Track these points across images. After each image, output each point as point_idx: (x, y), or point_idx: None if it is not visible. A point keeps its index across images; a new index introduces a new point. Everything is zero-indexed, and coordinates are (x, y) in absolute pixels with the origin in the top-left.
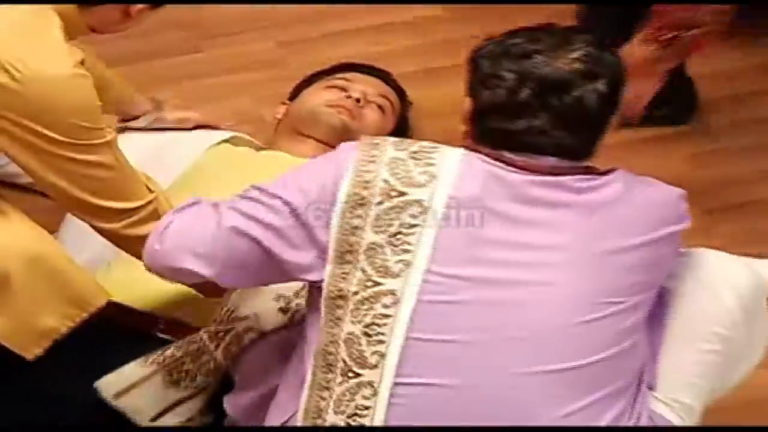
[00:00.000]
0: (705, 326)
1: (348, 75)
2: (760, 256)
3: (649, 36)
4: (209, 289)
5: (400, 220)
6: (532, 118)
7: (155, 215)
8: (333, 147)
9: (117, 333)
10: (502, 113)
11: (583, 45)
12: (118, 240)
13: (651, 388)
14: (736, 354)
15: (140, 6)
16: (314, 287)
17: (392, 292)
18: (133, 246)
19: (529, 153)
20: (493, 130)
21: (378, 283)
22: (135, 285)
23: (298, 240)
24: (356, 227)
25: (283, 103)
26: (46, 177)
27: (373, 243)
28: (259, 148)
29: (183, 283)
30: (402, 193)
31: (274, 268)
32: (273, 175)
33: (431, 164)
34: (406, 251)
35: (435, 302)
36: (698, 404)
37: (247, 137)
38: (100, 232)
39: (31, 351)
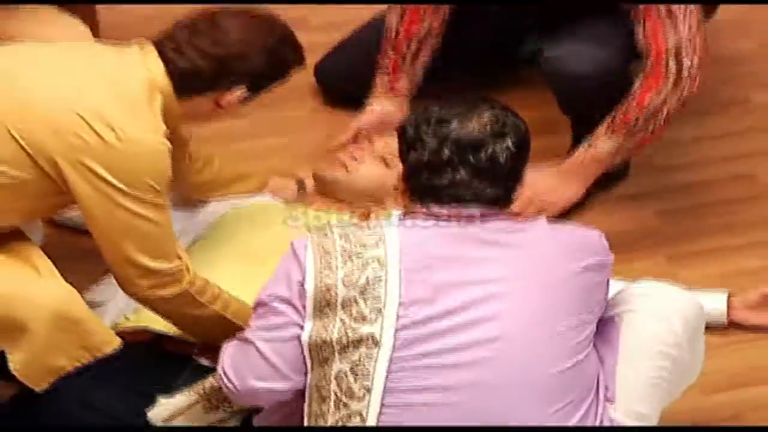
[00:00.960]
0: (657, 347)
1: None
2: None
3: (618, 126)
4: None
5: (365, 275)
6: (455, 173)
7: (177, 281)
8: (351, 203)
9: (158, 357)
10: (429, 171)
11: (490, 109)
12: (144, 302)
13: (610, 401)
14: (682, 370)
15: (230, 98)
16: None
17: (371, 336)
18: (154, 305)
19: (455, 204)
20: (422, 186)
21: (356, 329)
22: None
23: (300, 319)
24: (329, 285)
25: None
26: (97, 215)
27: (347, 296)
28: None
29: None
30: (358, 254)
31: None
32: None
33: (375, 232)
34: (377, 300)
35: (408, 339)
36: (653, 413)
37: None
38: (127, 289)
39: (41, 385)
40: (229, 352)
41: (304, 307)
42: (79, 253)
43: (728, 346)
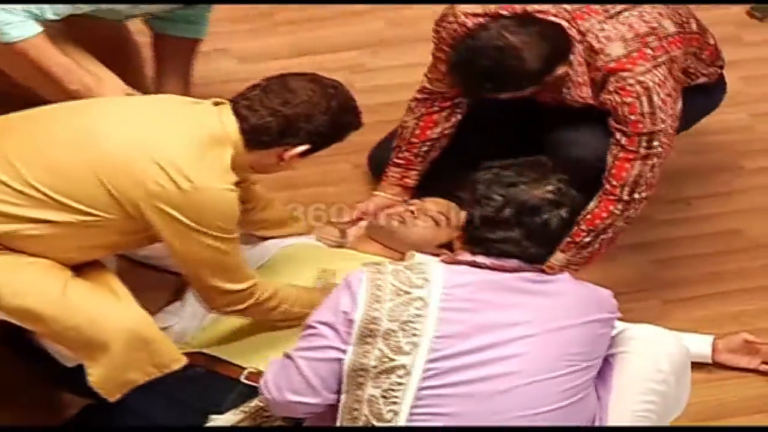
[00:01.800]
0: (646, 384)
1: (429, 199)
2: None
3: (568, 244)
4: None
5: (408, 312)
6: (508, 231)
7: (249, 296)
8: (400, 252)
9: (210, 377)
10: (487, 225)
11: (556, 181)
12: (222, 314)
13: None
14: (669, 405)
15: (292, 153)
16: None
17: (404, 366)
18: (231, 315)
19: (498, 257)
20: (477, 236)
21: (393, 359)
22: (228, 341)
23: (342, 344)
24: (375, 318)
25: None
26: (181, 251)
27: (389, 329)
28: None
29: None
30: (407, 292)
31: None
32: (338, 265)
33: (423, 272)
34: (414, 335)
35: (437, 371)
36: None
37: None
38: (208, 306)
39: (113, 395)
40: (274, 366)
41: (347, 333)
42: (144, 284)
43: (713, 382)
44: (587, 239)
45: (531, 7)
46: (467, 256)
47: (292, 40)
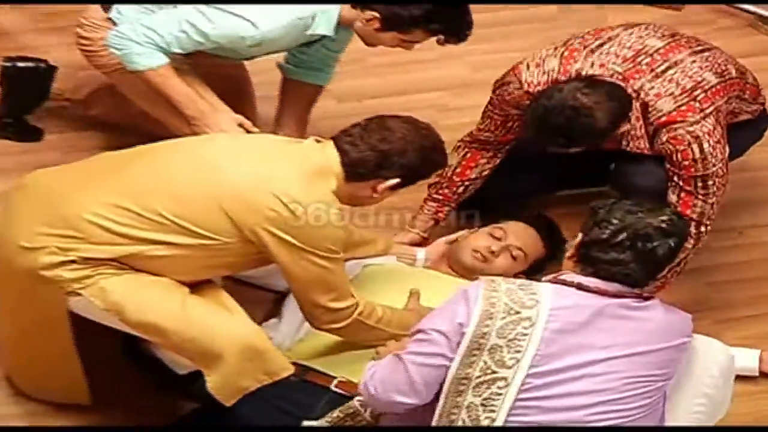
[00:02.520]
0: (699, 388)
1: (509, 225)
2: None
3: None
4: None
5: (516, 330)
6: (620, 254)
7: (349, 316)
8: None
9: (303, 385)
10: (601, 246)
11: (669, 213)
12: (331, 332)
13: None
14: (717, 407)
15: (386, 185)
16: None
17: (504, 378)
18: (339, 334)
19: (604, 280)
20: (590, 256)
21: (495, 372)
22: (321, 352)
23: (452, 353)
24: (485, 333)
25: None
26: (293, 271)
27: (496, 344)
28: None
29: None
30: (517, 312)
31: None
32: (422, 284)
33: (534, 293)
34: (518, 351)
35: (533, 385)
36: None
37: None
38: (311, 323)
39: (229, 401)
40: (382, 364)
41: (457, 343)
42: (243, 299)
43: (760, 393)
44: (663, 273)
45: (586, 72)
46: (574, 278)
47: (383, 82)
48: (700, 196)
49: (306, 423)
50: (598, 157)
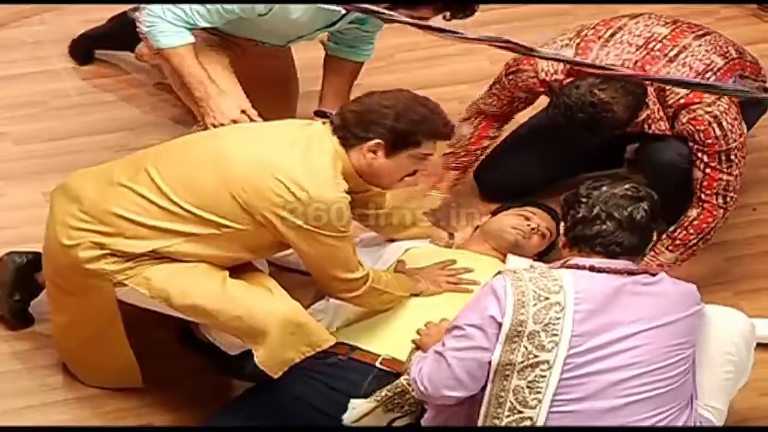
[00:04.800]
0: (725, 357)
1: (532, 209)
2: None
3: (678, 245)
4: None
5: (549, 315)
6: (602, 225)
7: (363, 284)
8: (502, 254)
9: (350, 363)
10: (583, 224)
11: (632, 182)
12: (348, 300)
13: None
14: (741, 372)
15: (370, 144)
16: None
17: (547, 361)
18: (356, 303)
19: (607, 257)
20: (578, 236)
21: (537, 356)
22: (363, 331)
23: (489, 344)
24: (522, 321)
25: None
26: (304, 250)
27: (533, 330)
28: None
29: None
30: (546, 298)
31: (486, 366)
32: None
33: (556, 279)
34: (555, 335)
35: (575, 364)
36: (724, 407)
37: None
38: (331, 295)
39: (276, 373)
40: (427, 363)
41: (495, 334)
42: (291, 284)
43: None
44: (694, 241)
45: (601, 60)
46: (585, 261)
47: (408, 77)
48: (725, 170)
49: (354, 401)
50: (615, 141)
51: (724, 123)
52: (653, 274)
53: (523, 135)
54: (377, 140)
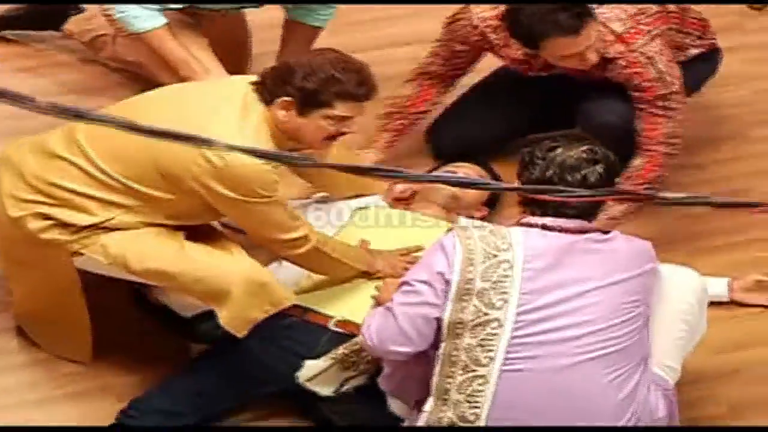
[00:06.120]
0: (678, 316)
1: (456, 164)
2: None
3: None
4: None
5: (497, 272)
6: None
7: (306, 242)
8: (450, 210)
9: (304, 325)
10: (536, 185)
11: (588, 143)
12: (294, 259)
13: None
14: (694, 331)
15: (281, 100)
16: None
17: (497, 319)
18: (303, 263)
19: (560, 218)
20: (530, 198)
21: (487, 314)
22: (318, 294)
23: (437, 300)
24: (470, 279)
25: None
26: (234, 216)
27: (482, 288)
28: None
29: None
30: (495, 255)
31: (434, 323)
32: (406, 227)
33: (505, 237)
34: (504, 293)
35: (525, 322)
36: (678, 365)
37: (385, 203)
38: (276, 254)
39: (241, 332)
40: (376, 317)
41: (444, 291)
42: (243, 246)
43: (731, 319)
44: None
45: None
46: (537, 220)
47: (361, 38)
48: (665, 116)
49: (309, 362)
50: (568, 99)
51: (660, 64)
52: (606, 232)
53: (475, 94)
54: (287, 98)
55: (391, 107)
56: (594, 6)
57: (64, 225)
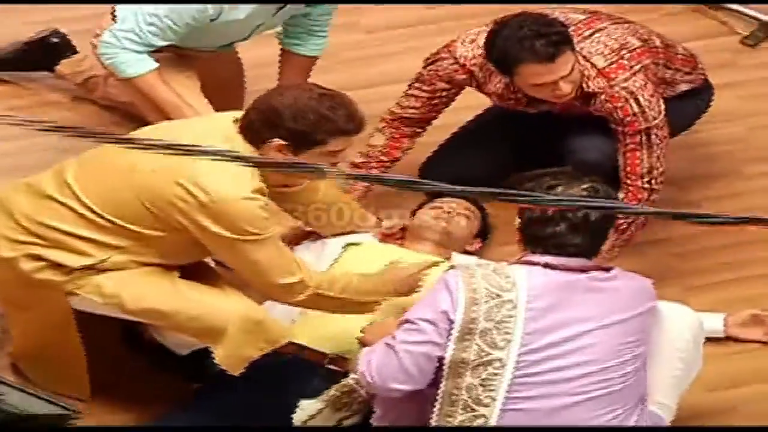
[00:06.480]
0: (674, 353)
1: (442, 199)
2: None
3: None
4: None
5: (501, 312)
6: (555, 227)
7: (305, 288)
8: (443, 246)
9: (300, 364)
10: (537, 224)
11: (589, 181)
12: (295, 305)
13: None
14: (690, 368)
15: (272, 145)
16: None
17: (499, 359)
18: (307, 307)
19: (562, 256)
20: (532, 236)
21: (489, 354)
22: (312, 330)
23: (440, 339)
24: (474, 319)
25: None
26: (224, 257)
27: (485, 327)
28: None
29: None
30: (499, 295)
31: (436, 361)
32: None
33: (508, 276)
34: (507, 333)
35: (527, 362)
36: (674, 403)
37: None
38: (276, 301)
39: (236, 371)
40: (377, 354)
41: (447, 330)
42: (238, 285)
43: (728, 355)
44: (624, 225)
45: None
46: (538, 258)
47: (352, 75)
48: (645, 151)
49: (303, 402)
50: (556, 136)
51: (641, 99)
52: (607, 270)
53: (468, 131)
54: (280, 141)
55: (366, 157)
56: (577, 40)
57: (57, 266)
